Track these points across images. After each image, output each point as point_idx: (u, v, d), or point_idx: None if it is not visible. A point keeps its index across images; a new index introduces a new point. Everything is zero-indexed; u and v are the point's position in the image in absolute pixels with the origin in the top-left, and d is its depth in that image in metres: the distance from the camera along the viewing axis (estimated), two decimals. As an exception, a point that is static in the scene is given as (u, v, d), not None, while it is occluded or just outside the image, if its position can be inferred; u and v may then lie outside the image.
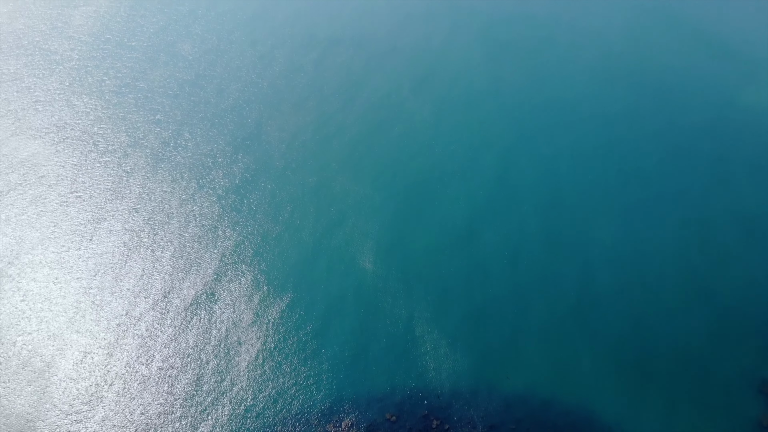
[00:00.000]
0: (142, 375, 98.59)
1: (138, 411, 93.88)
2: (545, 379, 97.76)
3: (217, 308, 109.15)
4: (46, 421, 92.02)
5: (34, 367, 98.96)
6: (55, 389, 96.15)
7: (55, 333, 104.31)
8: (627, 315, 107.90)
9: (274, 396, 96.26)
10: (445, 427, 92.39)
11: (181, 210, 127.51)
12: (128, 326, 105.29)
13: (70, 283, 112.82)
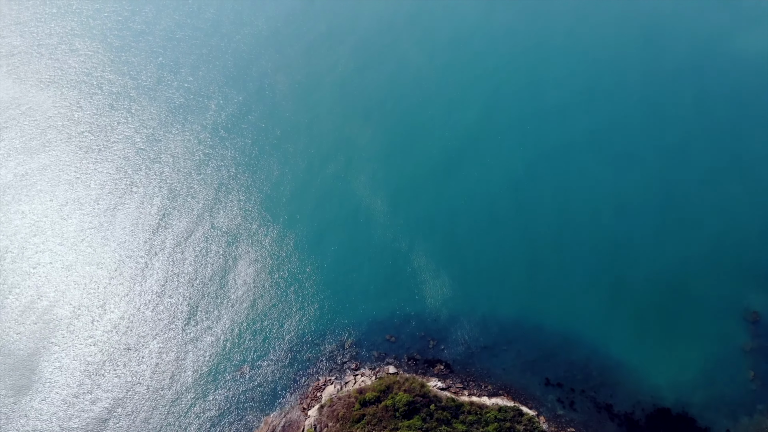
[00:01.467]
0: (147, 300, 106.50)
1: (146, 335, 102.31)
2: (537, 305, 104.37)
3: (215, 234, 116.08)
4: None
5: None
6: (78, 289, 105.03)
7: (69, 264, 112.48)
8: (616, 246, 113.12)
9: (276, 318, 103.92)
10: (440, 347, 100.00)
11: (179, 145, 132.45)
12: (131, 254, 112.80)
13: (76, 212, 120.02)
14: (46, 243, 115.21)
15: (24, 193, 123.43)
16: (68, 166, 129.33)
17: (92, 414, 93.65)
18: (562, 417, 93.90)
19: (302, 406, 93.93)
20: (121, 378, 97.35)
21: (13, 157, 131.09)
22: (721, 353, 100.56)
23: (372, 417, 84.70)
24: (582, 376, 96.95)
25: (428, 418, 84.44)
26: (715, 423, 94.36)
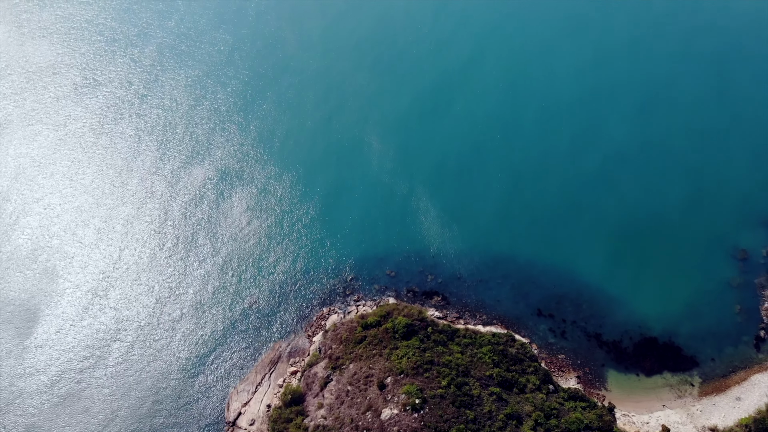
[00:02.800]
0: (154, 238, 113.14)
1: (154, 280, 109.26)
2: (531, 242, 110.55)
3: (215, 175, 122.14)
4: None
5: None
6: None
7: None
8: (610, 186, 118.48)
9: (281, 255, 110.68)
10: (438, 281, 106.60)
11: (189, 95, 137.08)
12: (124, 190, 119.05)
13: (88, 162, 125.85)
14: (54, 184, 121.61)
15: (29, 136, 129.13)
16: (65, 109, 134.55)
17: (107, 344, 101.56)
18: (553, 345, 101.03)
19: (307, 334, 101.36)
20: (137, 309, 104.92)
21: (11, 98, 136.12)
22: (708, 288, 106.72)
23: (373, 338, 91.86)
24: (573, 308, 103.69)
25: (425, 339, 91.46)
26: (700, 352, 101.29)
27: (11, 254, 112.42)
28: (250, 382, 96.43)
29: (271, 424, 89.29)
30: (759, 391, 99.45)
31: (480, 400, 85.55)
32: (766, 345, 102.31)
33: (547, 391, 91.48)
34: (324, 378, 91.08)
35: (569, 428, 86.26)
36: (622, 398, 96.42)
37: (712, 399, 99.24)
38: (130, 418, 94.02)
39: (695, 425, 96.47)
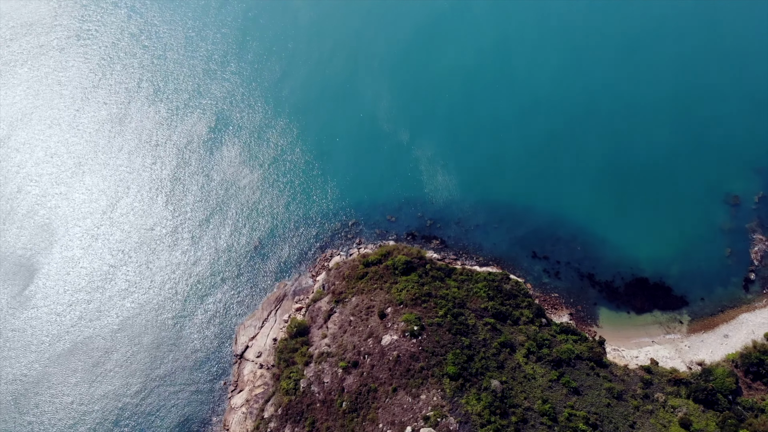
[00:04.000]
0: (164, 186, 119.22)
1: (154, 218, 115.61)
2: (528, 189, 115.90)
3: (222, 127, 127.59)
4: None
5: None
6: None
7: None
8: (606, 133, 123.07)
9: (286, 203, 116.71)
10: (437, 226, 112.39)
11: (184, 45, 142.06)
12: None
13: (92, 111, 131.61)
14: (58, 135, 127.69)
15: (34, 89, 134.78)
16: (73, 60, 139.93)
17: (119, 286, 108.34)
18: (547, 284, 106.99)
19: (311, 274, 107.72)
20: (143, 253, 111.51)
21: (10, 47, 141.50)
22: (700, 232, 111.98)
23: (374, 274, 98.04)
24: (567, 251, 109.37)
25: (424, 275, 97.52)
26: (690, 292, 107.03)
27: (21, 199, 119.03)
28: (257, 318, 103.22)
29: (278, 354, 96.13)
30: (746, 329, 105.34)
31: (475, 329, 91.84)
32: (755, 286, 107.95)
33: (540, 324, 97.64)
34: (328, 311, 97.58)
35: (560, 357, 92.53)
36: (612, 334, 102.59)
37: (701, 336, 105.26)
38: (144, 356, 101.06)
39: (683, 359, 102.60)
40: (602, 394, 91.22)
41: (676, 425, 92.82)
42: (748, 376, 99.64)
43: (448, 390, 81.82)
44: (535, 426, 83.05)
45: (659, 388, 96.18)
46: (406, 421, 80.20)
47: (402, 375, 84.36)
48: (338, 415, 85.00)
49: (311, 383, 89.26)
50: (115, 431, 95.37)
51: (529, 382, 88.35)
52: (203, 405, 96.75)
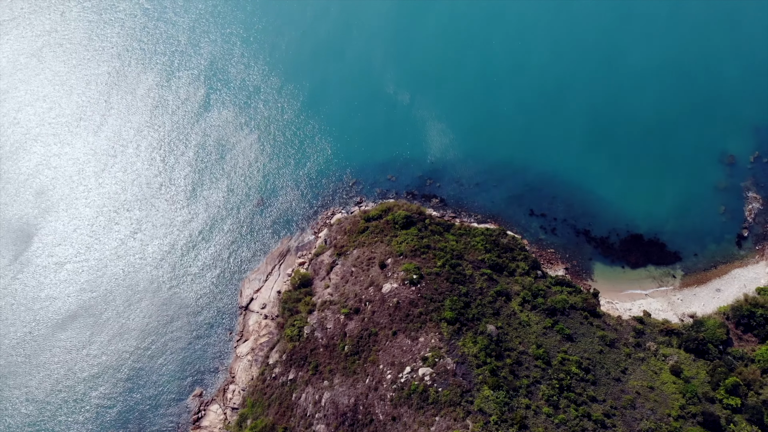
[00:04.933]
0: (163, 147, 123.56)
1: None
2: (527, 148, 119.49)
3: (219, 88, 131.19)
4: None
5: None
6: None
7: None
8: (604, 93, 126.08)
9: (288, 163, 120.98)
10: (436, 185, 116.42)
11: (185, 6, 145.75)
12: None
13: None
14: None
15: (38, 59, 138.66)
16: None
17: (128, 242, 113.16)
18: (544, 241, 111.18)
19: (314, 231, 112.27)
20: (151, 211, 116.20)
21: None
22: (695, 190, 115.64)
23: (375, 228, 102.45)
24: (564, 208, 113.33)
25: (423, 229, 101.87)
26: (684, 248, 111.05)
27: (22, 158, 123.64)
28: (261, 272, 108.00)
29: (282, 304, 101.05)
30: (738, 284, 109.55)
31: (472, 279, 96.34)
32: (748, 242, 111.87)
33: (535, 276, 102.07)
34: (330, 263, 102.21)
35: (555, 306, 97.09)
36: (607, 288, 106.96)
37: (693, 290, 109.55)
38: (151, 311, 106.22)
39: (675, 312, 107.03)
40: (595, 342, 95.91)
41: (667, 372, 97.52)
42: (739, 328, 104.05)
43: (446, 333, 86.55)
44: (529, 368, 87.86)
45: (651, 338, 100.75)
46: (406, 361, 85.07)
47: (401, 320, 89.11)
48: (340, 357, 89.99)
49: (314, 329, 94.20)
50: (126, 381, 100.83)
51: (523, 328, 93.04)
52: (210, 355, 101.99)
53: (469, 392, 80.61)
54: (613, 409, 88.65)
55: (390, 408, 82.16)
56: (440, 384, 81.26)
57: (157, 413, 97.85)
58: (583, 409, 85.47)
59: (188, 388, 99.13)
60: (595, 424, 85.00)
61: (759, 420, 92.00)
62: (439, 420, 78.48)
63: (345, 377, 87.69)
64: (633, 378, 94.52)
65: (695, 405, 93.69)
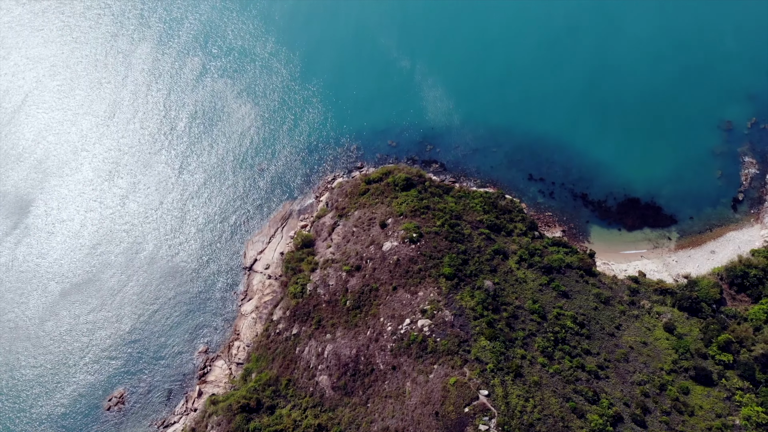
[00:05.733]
0: (164, 109, 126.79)
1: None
2: (527, 114, 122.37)
3: (216, 53, 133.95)
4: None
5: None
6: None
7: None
8: (603, 60, 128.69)
9: (288, 128, 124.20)
10: (437, 150, 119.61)
11: None
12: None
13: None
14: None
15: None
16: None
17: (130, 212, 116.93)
18: (542, 204, 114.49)
19: (315, 195, 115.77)
20: (153, 176, 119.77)
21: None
22: (692, 155, 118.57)
23: (375, 190, 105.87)
24: (562, 173, 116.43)
25: (423, 191, 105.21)
26: (680, 212, 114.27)
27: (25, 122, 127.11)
28: (264, 234, 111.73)
29: (285, 264, 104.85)
30: (733, 246, 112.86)
31: (470, 238, 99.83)
32: (743, 206, 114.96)
33: (533, 236, 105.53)
34: (332, 225, 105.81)
35: (551, 265, 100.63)
36: (603, 249, 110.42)
37: (688, 252, 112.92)
38: (158, 272, 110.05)
39: (670, 273, 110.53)
40: (590, 299, 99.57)
41: (660, 329, 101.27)
42: (733, 288, 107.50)
43: (444, 288, 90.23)
44: (524, 322, 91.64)
45: (645, 297, 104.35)
46: (405, 314, 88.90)
47: (401, 276, 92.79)
48: (343, 312, 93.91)
49: (317, 286, 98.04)
50: (133, 341, 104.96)
51: (520, 284, 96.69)
52: (215, 313, 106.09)
53: (467, 342, 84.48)
54: (607, 362, 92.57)
55: (390, 357, 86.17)
56: (438, 334, 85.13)
57: (164, 369, 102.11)
58: (577, 360, 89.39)
59: (194, 345, 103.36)
60: (589, 375, 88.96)
61: (751, 376, 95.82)
62: (437, 368, 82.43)
63: (347, 330, 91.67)
64: (627, 334, 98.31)
65: (687, 360, 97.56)
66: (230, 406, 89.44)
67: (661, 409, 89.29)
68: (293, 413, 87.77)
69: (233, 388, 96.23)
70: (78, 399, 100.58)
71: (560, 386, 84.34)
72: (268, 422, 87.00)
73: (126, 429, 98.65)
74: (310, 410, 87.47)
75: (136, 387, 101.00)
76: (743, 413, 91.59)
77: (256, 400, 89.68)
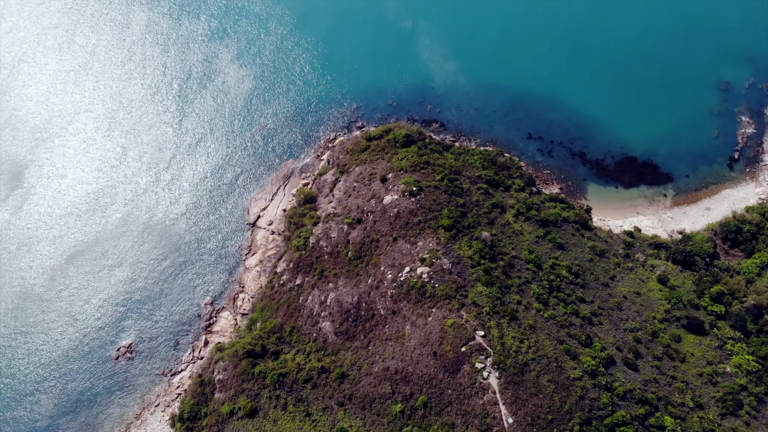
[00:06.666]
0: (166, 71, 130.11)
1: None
2: (526, 75, 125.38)
3: (230, 21, 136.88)
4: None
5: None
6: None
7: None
8: (603, 21, 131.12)
9: (289, 88, 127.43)
10: (437, 110, 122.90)
11: None
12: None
13: None
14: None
15: None
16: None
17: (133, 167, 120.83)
18: (540, 163, 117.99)
19: (316, 154, 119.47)
20: (162, 134, 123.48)
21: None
22: (690, 115, 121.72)
23: (376, 147, 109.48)
24: (561, 131, 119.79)
25: (423, 147, 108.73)
26: (676, 170, 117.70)
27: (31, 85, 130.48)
28: (267, 192, 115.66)
29: (288, 219, 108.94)
30: (727, 203, 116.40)
31: (469, 192, 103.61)
32: (739, 165, 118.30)
33: (530, 192, 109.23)
34: (333, 181, 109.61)
35: (548, 218, 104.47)
36: (600, 206, 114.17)
37: (683, 208, 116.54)
38: (162, 229, 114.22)
39: (665, 228, 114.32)
40: (585, 251, 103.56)
41: (654, 281, 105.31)
42: (726, 243, 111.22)
43: (443, 238, 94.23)
44: (520, 270, 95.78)
45: (640, 250, 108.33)
46: (405, 263, 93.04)
47: (401, 227, 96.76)
48: (344, 263, 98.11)
49: (319, 239, 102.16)
50: (140, 295, 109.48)
51: (517, 236, 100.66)
52: (220, 268, 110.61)
53: (464, 288, 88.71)
54: (601, 310, 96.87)
55: (390, 303, 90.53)
56: (437, 281, 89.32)
57: (170, 321, 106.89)
58: (571, 307, 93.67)
59: (200, 298, 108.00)
60: (583, 321, 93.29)
61: (742, 326, 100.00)
62: (435, 311, 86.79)
63: (348, 279, 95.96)
64: (621, 284, 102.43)
65: (680, 310, 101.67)
66: (236, 351, 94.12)
67: (652, 354, 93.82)
68: (297, 357, 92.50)
69: (239, 336, 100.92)
70: (87, 351, 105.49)
71: (554, 330, 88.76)
72: (273, 366, 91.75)
73: (134, 378, 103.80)
74: (314, 354, 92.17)
75: (143, 338, 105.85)
76: (734, 361, 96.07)
77: (261, 346, 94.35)
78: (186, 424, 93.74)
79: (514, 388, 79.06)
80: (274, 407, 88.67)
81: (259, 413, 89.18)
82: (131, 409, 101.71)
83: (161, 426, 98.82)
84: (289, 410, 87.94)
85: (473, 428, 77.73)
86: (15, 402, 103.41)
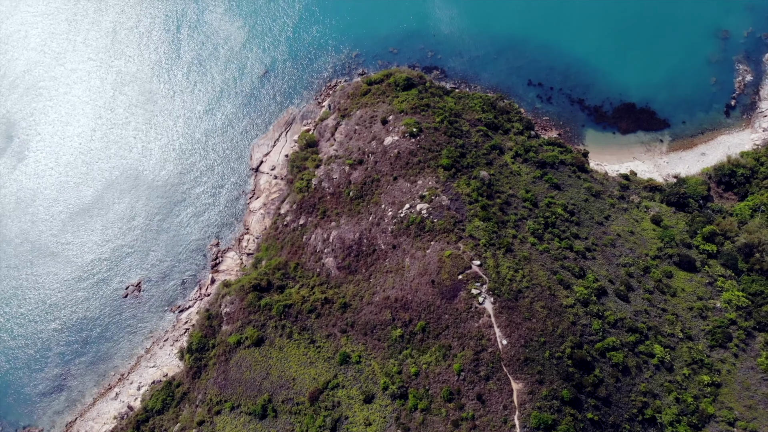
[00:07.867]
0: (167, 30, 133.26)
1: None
2: (527, 22, 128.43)
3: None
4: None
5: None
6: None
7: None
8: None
9: (287, 35, 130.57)
10: (438, 57, 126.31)
11: None
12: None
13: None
14: None
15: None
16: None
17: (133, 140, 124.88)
18: (540, 109, 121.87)
19: (317, 101, 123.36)
20: (165, 81, 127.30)
21: None
22: (688, 63, 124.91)
23: (376, 90, 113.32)
24: (561, 78, 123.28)
25: (424, 91, 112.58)
26: (673, 116, 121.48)
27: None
28: (269, 138, 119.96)
29: (290, 164, 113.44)
30: (723, 149, 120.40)
31: (468, 134, 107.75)
32: (736, 112, 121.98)
33: (529, 135, 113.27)
34: (334, 126, 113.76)
35: (545, 160, 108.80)
36: (597, 152, 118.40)
37: (679, 154, 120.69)
38: (166, 175, 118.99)
39: (660, 173, 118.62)
40: (581, 192, 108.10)
41: (648, 221, 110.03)
42: (720, 186, 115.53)
43: (442, 177, 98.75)
44: (517, 208, 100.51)
45: (635, 192, 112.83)
46: (405, 200, 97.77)
47: (401, 167, 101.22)
48: (346, 202, 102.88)
49: (321, 180, 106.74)
50: (147, 236, 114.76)
51: (514, 176, 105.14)
52: (225, 212, 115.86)
53: (461, 223, 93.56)
54: (594, 245, 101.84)
55: (391, 238, 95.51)
56: (436, 216, 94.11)
57: (178, 261, 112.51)
58: (566, 242, 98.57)
59: (206, 240, 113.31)
60: (577, 255, 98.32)
61: (733, 265, 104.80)
62: (434, 244, 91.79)
63: (350, 217, 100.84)
64: (615, 224, 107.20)
65: (672, 248, 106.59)
66: (242, 286, 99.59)
67: (644, 288, 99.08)
68: (302, 291, 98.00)
69: (245, 274, 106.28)
70: (97, 288, 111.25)
71: (548, 262, 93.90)
72: (278, 298, 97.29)
73: (143, 315, 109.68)
74: (318, 287, 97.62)
75: (151, 278, 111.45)
76: (724, 297, 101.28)
77: (267, 281, 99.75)
78: (195, 354, 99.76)
79: (508, 312, 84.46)
80: (280, 336, 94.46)
81: (265, 342, 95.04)
82: (141, 344, 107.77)
83: (171, 359, 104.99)
84: (294, 338, 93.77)
85: (469, 349, 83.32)
86: (27, 341, 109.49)
